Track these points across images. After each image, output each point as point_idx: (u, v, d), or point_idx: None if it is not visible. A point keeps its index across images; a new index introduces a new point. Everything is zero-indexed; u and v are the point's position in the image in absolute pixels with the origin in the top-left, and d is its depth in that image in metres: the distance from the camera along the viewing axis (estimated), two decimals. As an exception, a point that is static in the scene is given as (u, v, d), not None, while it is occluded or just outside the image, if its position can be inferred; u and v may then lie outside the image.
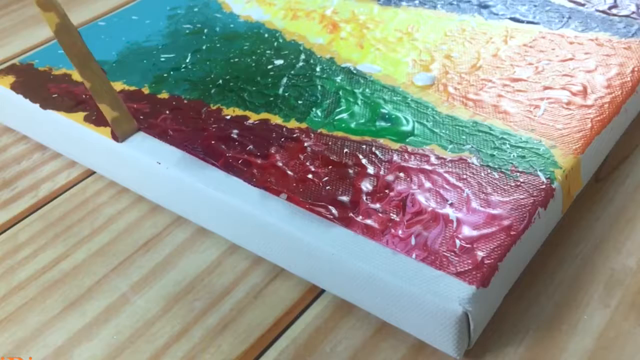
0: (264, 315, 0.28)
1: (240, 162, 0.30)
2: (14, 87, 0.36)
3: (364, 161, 0.30)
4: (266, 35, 0.39)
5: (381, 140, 0.31)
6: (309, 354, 0.26)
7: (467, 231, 0.26)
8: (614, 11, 0.39)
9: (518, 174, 0.29)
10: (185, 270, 0.30)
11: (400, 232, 0.27)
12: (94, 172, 0.35)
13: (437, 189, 0.28)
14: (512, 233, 0.26)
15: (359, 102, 0.34)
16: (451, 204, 0.28)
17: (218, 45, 0.39)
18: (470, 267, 0.25)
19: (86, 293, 0.29)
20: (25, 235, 0.32)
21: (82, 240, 0.32)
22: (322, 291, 0.29)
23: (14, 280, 0.30)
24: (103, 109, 0.31)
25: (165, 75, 0.36)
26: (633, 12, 0.39)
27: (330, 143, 0.31)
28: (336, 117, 0.33)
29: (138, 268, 0.30)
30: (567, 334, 0.26)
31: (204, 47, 0.38)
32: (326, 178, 0.29)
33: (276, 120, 0.33)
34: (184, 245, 0.31)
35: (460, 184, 0.29)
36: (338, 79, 0.36)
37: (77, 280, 0.30)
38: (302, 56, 0.37)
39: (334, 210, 0.28)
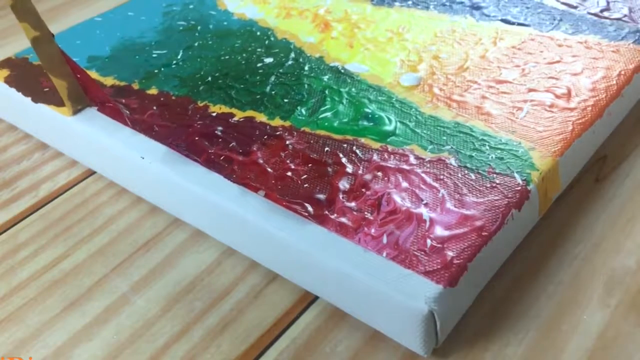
0: (264, 315, 0.28)
1: (222, 158, 0.31)
2: (8, 81, 0.37)
3: (343, 160, 0.30)
4: (258, 33, 0.40)
5: (362, 140, 0.32)
6: (309, 354, 0.26)
7: (439, 231, 0.27)
8: (605, 14, 0.39)
9: (495, 175, 0.29)
10: (185, 270, 0.30)
11: (373, 230, 0.27)
12: (94, 173, 0.35)
13: (414, 189, 0.29)
14: (483, 234, 0.26)
15: (344, 101, 0.34)
16: (426, 204, 0.28)
17: (210, 42, 0.39)
18: (439, 266, 0.25)
19: (86, 293, 0.29)
20: (26, 235, 0.32)
21: (82, 240, 0.32)
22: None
23: (14, 280, 0.30)
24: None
25: (156, 71, 0.37)
26: (625, 15, 0.39)
27: (312, 141, 0.32)
28: (320, 116, 0.33)
29: (138, 268, 0.30)
30: (567, 334, 0.26)
31: (195, 44, 0.39)
32: (305, 176, 0.30)
33: (261, 118, 0.33)
34: (184, 245, 0.31)
35: (436, 185, 0.29)
36: (325, 78, 0.36)
37: (77, 280, 0.30)
38: (292, 55, 0.38)
39: (309, 208, 0.28)
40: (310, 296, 0.29)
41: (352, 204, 0.28)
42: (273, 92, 0.35)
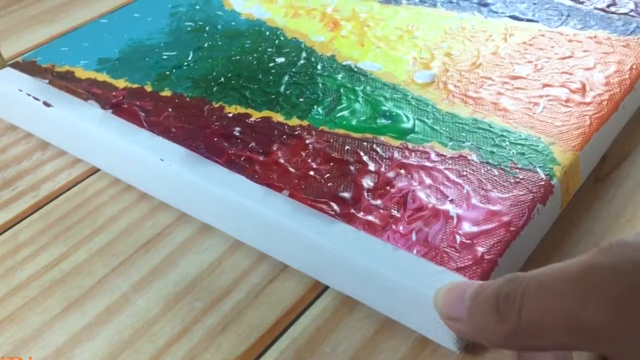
0: (264, 315, 0.28)
1: (242, 159, 0.31)
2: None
3: (365, 158, 0.31)
4: (267, 33, 0.40)
5: (382, 138, 0.32)
6: (310, 354, 0.26)
7: (467, 227, 0.27)
8: (612, 9, 0.40)
9: (517, 170, 0.29)
10: (186, 270, 0.30)
11: (401, 228, 0.27)
12: (94, 172, 0.35)
13: (438, 186, 0.29)
14: (511, 229, 0.27)
15: (360, 99, 0.34)
16: (451, 201, 0.28)
17: (220, 43, 0.39)
18: (470, 262, 0.25)
19: (87, 293, 0.29)
20: (26, 235, 0.32)
21: (83, 240, 0.32)
22: (322, 291, 0.29)
23: (14, 280, 0.30)
24: None
25: (167, 72, 0.37)
26: (631, 10, 0.39)
27: (331, 140, 0.32)
28: (337, 115, 0.33)
29: (138, 268, 0.30)
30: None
31: (205, 45, 0.39)
32: (328, 175, 0.30)
33: (278, 117, 0.33)
34: (184, 245, 0.31)
35: (460, 181, 0.29)
36: (339, 76, 0.36)
37: (78, 280, 0.30)
38: (303, 54, 0.38)
39: (335, 207, 0.28)
40: (310, 296, 0.28)
41: (378, 202, 0.28)
42: (288, 92, 0.35)
